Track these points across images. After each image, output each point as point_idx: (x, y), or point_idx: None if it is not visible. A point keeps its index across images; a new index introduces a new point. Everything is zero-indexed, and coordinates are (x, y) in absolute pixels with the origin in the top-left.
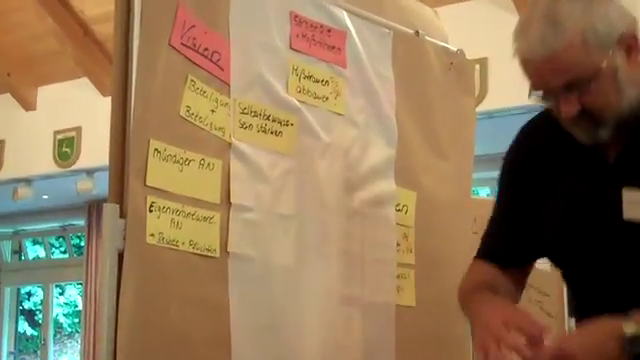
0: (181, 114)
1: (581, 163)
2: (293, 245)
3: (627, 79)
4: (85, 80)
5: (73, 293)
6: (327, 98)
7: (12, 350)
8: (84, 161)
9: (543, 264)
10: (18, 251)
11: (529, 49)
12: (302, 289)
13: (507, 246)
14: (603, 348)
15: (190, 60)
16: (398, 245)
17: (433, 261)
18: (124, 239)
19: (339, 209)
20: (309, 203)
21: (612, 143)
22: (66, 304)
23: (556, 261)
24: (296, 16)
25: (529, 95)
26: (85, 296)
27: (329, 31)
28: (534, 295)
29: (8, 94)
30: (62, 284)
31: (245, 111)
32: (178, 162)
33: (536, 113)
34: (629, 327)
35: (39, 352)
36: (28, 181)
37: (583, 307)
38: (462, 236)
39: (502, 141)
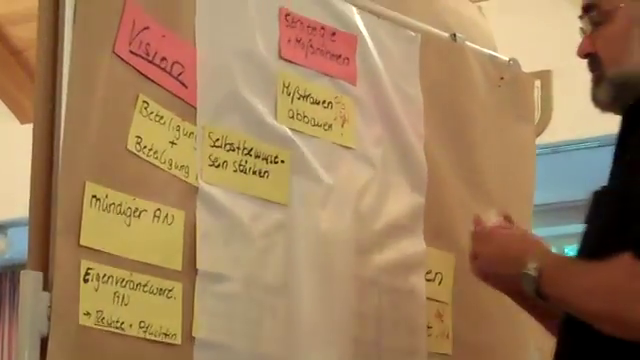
0: (129, 147)
1: None
2: (283, 329)
3: None
4: None
5: None
6: (330, 126)
7: None
8: None
9: None
10: None
11: None
12: None
13: None
14: (507, 264)
15: (142, 74)
16: (429, 328)
17: (477, 350)
18: (49, 320)
19: (347, 278)
20: (306, 270)
21: None
22: None
23: None
24: (288, 14)
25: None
26: None
27: (333, 34)
28: None
29: None
30: None
31: (217, 143)
32: (124, 214)
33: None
34: (531, 264)
35: None
36: None
37: None
38: (517, 315)
39: (572, 185)
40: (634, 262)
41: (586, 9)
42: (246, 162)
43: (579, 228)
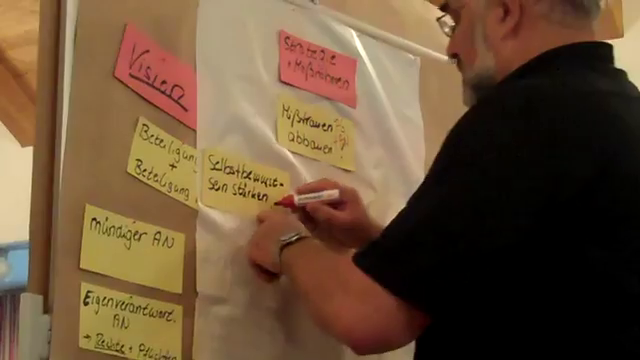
0: (129, 171)
1: None
2: (283, 351)
3: (487, 39)
4: None
5: None
6: (330, 149)
7: None
8: None
9: None
10: None
11: None
12: None
13: None
14: (270, 237)
15: (142, 97)
16: None
17: None
18: (49, 343)
19: None
20: None
21: None
22: None
23: None
24: (287, 37)
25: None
26: None
27: (333, 57)
28: None
29: None
30: None
31: (217, 166)
32: (124, 236)
33: None
34: (294, 232)
35: None
36: None
37: None
38: None
39: None
40: (348, 265)
41: (442, 9)
42: (245, 185)
43: None
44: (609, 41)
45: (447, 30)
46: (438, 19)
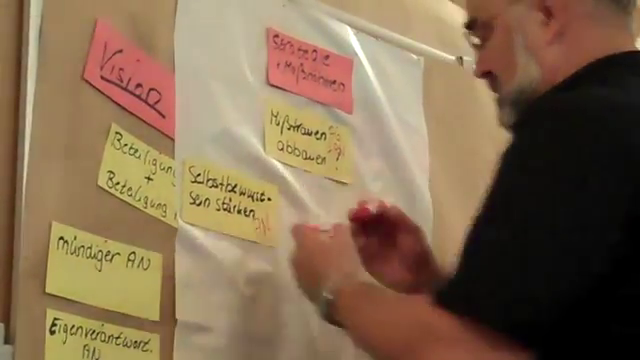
0: (100, 184)
1: None
2: None
3: (529, 47)
4: None
5: None
6: (324, 159)
7: None
8: None
9: None
10: None
11: None
12: None
13: None
14: (306, 278)
15: (114, 102)
16: None
17: None
18: None
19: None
20: (297, 319)
21: None
22: None
23: None
24: (276, 35)
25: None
26: None
27: (327, 58)
28: None
29: None
30: None
31: (199, 179)
32: (95, 257)
33: None
34: (328, 285)
35: None
36: None
37: None
38: None
39: None
40: (429, 308)
41: (470, 25)
42: (230, 200)
43: None
44: None
45: (476, 43)
46: (467, 34)
